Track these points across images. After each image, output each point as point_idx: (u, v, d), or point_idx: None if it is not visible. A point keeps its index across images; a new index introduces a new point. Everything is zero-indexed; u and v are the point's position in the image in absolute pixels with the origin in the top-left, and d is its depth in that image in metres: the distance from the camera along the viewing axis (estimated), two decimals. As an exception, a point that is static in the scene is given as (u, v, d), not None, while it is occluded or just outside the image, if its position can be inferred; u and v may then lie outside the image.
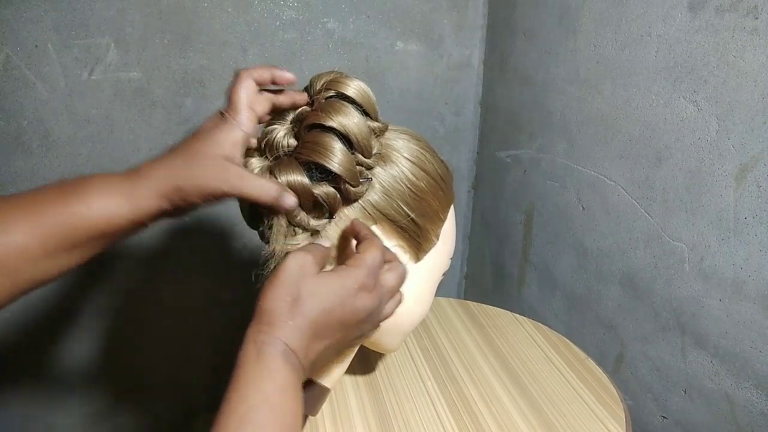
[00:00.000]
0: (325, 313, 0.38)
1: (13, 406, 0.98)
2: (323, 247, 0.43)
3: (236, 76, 0.44)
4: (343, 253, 0.46)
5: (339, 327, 0.39)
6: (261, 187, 0.41)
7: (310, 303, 0.37)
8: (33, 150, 0.86)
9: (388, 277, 0.42)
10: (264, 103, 0.45)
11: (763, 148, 0.56)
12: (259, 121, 0.46)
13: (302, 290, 0.37)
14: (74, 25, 0.83)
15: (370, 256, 0.40)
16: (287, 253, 0.40)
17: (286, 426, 0.34)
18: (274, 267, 0.43)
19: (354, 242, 0.45)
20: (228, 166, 0.41)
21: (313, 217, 0.45)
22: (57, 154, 0.88)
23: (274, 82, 0.45)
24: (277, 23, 0.94)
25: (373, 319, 0.42)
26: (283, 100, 0.46)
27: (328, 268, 0.43)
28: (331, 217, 0.46)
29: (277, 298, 0.37)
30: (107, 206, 0.39)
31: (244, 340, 0.37)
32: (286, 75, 0.45)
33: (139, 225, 0.41)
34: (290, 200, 0.42)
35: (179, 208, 0.41)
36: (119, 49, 0.86)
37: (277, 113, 0.47)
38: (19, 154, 0.85)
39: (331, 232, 0.47)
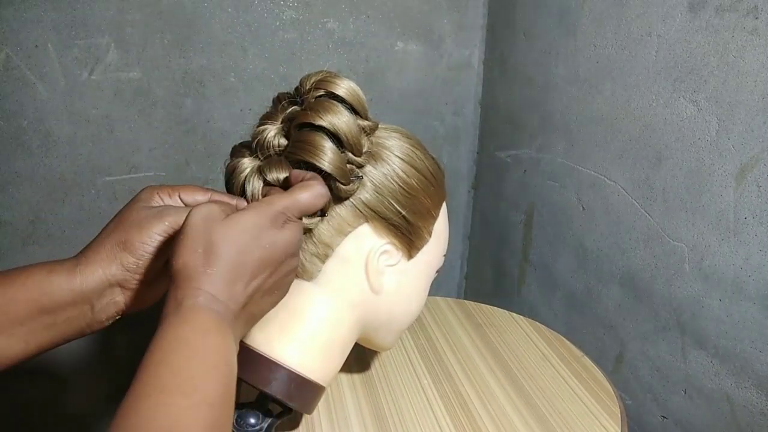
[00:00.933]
0: (241, 253, 0.36)
1: (13, 406, 0.98)
2: (227, 202, 0.42)
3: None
4: None
5: (262, 265, 0.37)
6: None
7: (223, 247, 0.35)
8: (33, 150, 0.86)
9: (300, 195, 0.40)
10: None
11: (763, 148, 0.56)
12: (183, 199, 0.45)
13: (212, 237, 0.36)
14: (74, 25, 0.83)
15: (274, 196, 0.40)
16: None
17: (208, 364, 0.32)
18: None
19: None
20: (161, 208, 0.42)
21: (306, 216, 0.45)
22: (57, 154, 0.88)
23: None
24: (277, 23, 0.94)
25: (293, 252, 0.40)
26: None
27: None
28: (323, 215, 0.46)
29: (188, 251, 0.35)
30: (45, 276, 0.38)
31: (165, 302, 0.35)
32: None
33: (83, 301, 0.39)
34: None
35: (128, 268, 0.40)
36: (119, 49, 0.86)
37: (264, 117, 0.48)
38: (19, 154, 0.85)
39: (324, 230, 0.47)
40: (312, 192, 0.41)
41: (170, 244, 0.40)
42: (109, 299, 0.40)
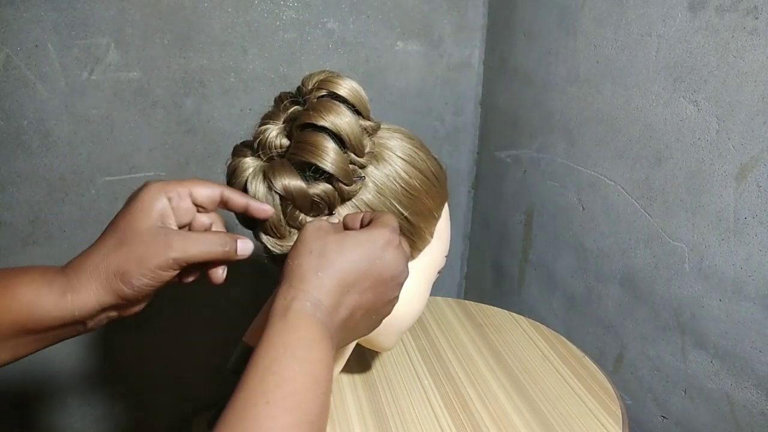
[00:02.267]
0: (354, 263, 0.38)
1: (13, 406, 0.98)
2: (334, 221, 0.44)
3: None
4: None
5: (369, 282, 0.39)
6: (208, 242, 0.39)
7: (338, 255, 0.37)
8: (33, 150, 0.86)
9: (404, 243, 0.43)
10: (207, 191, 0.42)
11: (763, 148, 0.56)
12: (198, 205, 0.43)
13: (327, 245, 0.38)
14: (74, 25, 0.83)
15: (389, 219, 0.41)
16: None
17: (312, 378, 0.33)
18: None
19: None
20: (167, 232, 0.38)
21: (312, 216, 0.45)
22: (57, 154, 0.88)
23: (247, 212, 0.43)
24: (277, 23, 0.94)
25: (400, 279, 0.41)
26: (237, 199, 0.43)
27: None
28: (330, 214, 0.46)
29: (303, 254, 0.37)
30: (32, 299, 0.36)
31: (275, 298, 0.36)
32: (264, 207, 0.43)
33: (74, 323, 0.37)
34: (243, 247, 0.41)
35: (126, 298, 0.37)
36: (119, 49, 0.86)
37: (266, 117, 0.47)
38: (19, 154, 0.85)
39: None
40: (391, 215, 0.43)
41: (171, 274, 0.38)
42: (103, 318, 0.39)
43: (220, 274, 0.43)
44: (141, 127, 0.91)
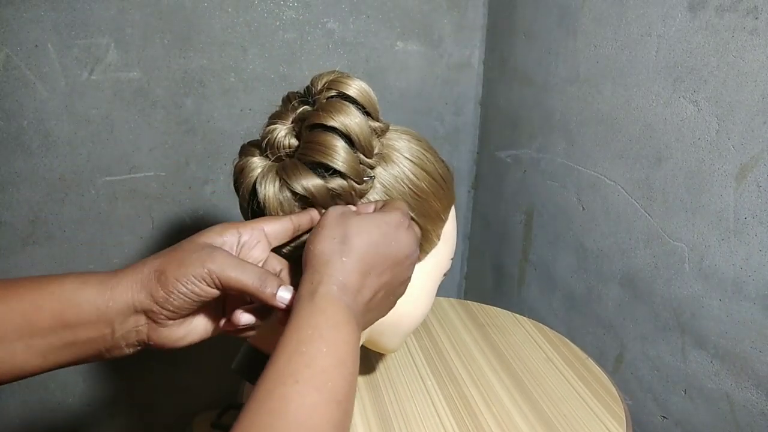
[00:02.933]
0: (373, 245, 0.39)
1: (13, 406, 0.98)
2: (353, 208, 0.45)
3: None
4: None
5: (388, 262, 0.40)
6: (249, 271, 0.38)
7: (358, 239, 0.38)
8: (33, 150, 0.86)
9: (414, 225, 0.44)
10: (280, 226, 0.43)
11: (763, 148, 0.56)
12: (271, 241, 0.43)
13: (349, 229, 0.39)
14: (74, 25, 0.83)
15: (400, 203, 0.44)
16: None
17: (339, 358, 0.33)
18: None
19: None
20: (215, 248, 0.38)
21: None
22: (57, 154, 0.88)
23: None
24: (277, 23, 0.94)
25: (412, 258, 0.43)
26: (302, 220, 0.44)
27: None
28: None
29: (326, 239, 0.38)
30: (77, 289, 0.36)
31: (300, 284, 0.37)
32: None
33: (107, 320, 0.37)
34: (283, 295, 0.38)
35: (157, 301, 0.37)
36: (119, 49, 0.86)
37: (274, 117, 0.47)
38: (19, 154, 0.85)
39: None
40: (418, 231, 0.45)
41: (207, 292, 0.38)
42: (132, 326, 0.38)
43: (239, 317, 0.40)
44: (141, 127, 0.91)
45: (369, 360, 0.68)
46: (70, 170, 0.89)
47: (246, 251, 0.41)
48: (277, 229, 0.42)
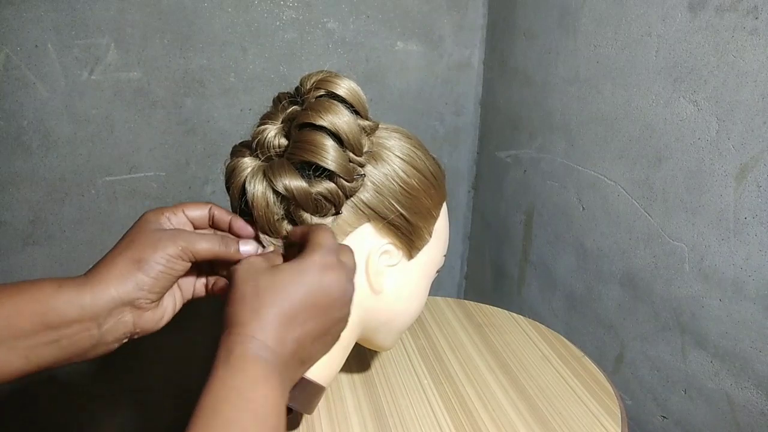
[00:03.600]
0: (289, 300, 0.37)
1: (13, 407, 0.98)
2: (269, 251, 0.45)
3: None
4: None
5: (312, 312, 0.38)
6: (212, 239, 0.42)
7: (271, 295, 0.37)
8: (33, 150, 0.86)
9: (345, 256, 0.42)
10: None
11: (763, 148, 0.56)
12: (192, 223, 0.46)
13: (259, 285, 0.37)
14: (74, 25, 0.83)
15: (322, 237, 0.41)
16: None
17: (259, 416, 0.32)
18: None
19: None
20: (175, 230, 0.42)
21: (319, 217, 0.45)
22: (57, 154, 0.88)
23: (231, 230, 0.46)
24: (277, 23, 0.94)
25: (345, 298, 0.41)
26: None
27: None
28: (337, 213, 0.46)
29: (237, 300, 0.37)
30: (53, 291, 0.37)
31: (218, 348, 0.36)
32: (247, 229, 0.45)
33: (90, 318, 0.38)
34: (245, 248, 0.44)
35: (143, 287, 0.39)
36: (119, 49, 0.86)
37: (265, 117, 0.48)
38: (19, 154, 0.85)
39: (340, 227, 0.47)
40: (352, 253, 0.43)
41: (183, 266, 0.41)
42: (117, 319, 0.39)
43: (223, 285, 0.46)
44: (141, 127, 0.91)
45: (365, 358, 0.68)
46: (70, 170, 0.89)
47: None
48: (197, 214, 0.45)
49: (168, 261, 0.40)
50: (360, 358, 0.68)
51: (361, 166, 0.46)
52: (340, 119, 0.44)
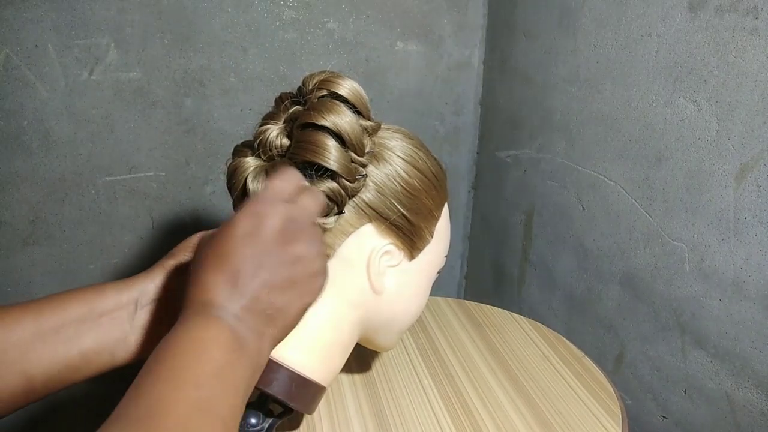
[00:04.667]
0: (224, 254, 0.36)
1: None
2: None
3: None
4: None
5: (256, 260, 0.36)
6: None
7: (212, 255, 0.36)
8: (33, 150, 0.86)
9: (302, 199, 0.40)
10: None
11: (763, 148, 0.56)
12: None
13: (203, 251, 0.37)
14: (74, 25, 0.83)
15: (265, 186, 0.41)
16: None
17: (211, 369, 0.32)
18: None
19: None
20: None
21: (320, 216, 0.45)
22: (57, 154, 0.88)
23: None
24: (277, 23, 0.94)
25: (303, 239, 0.38)
26: None
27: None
28: (340, 212, 0.46)
29: (190, 273, 0.38)
30: (100, 286, 0.44)
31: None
32: None
33: (132, 301, 0.45)
34: None
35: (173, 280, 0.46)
36: (119, 49, 0.86)
37: (267, 117, 0.48)
38: (19, 154, 0.85)
39: (341, 227, 0.47)
40: (276, 177, 0.41)
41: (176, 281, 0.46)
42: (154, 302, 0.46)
43: None
44: (141, 127, 0.91)
45: (365, 358, 0.68)
46: (70, 170, 0.89)
47: None
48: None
49: (165, 273, 0.47)
50: (360, 359, 0.68)
51: (363, 166, 0.46)
52: (343, 119, 0.44)
